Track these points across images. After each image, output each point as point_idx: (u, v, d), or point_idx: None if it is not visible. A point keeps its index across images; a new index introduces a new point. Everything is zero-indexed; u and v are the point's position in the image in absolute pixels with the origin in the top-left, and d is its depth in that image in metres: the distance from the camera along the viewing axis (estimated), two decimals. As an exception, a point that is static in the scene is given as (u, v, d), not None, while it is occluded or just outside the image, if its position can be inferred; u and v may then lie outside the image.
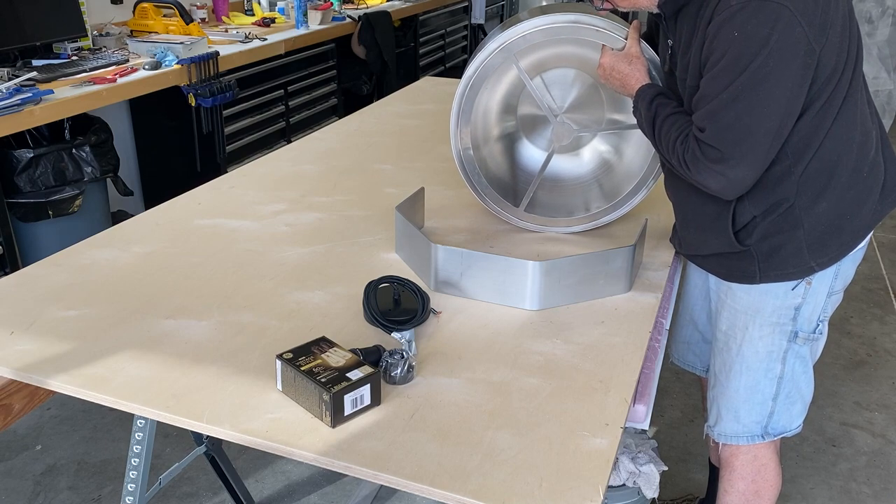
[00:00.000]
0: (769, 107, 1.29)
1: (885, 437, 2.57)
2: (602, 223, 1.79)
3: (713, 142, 1.33)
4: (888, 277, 3.67)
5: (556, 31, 1.62)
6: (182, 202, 1.93)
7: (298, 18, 4.14)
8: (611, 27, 1.59)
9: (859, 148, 1.42)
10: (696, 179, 1.39)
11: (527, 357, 1.32)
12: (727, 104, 1.30)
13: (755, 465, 1.68)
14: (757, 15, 1.26)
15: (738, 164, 1.33)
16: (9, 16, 2.93)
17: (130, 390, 1.20)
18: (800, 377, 1.60)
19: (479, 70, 1.68)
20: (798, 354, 1.58)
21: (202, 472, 2.31)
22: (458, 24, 6.19)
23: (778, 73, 1.28)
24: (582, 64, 1.73)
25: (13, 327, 1.37)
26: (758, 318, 1.55)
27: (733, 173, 1.34)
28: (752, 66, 1.27)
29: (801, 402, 1.63)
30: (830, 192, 1.42)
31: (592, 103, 1.79)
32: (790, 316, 1.53)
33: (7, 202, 2.73)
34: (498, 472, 1.04)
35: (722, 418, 1.67)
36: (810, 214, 1.43)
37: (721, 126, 1.31)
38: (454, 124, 1.74)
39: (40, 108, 2.62)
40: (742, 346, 1.59)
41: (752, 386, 1.60)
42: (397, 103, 2.90)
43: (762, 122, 1.30)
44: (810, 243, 1.45)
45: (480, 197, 1.81)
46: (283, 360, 1.19)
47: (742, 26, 1.27)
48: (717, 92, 1.31)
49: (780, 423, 1.63)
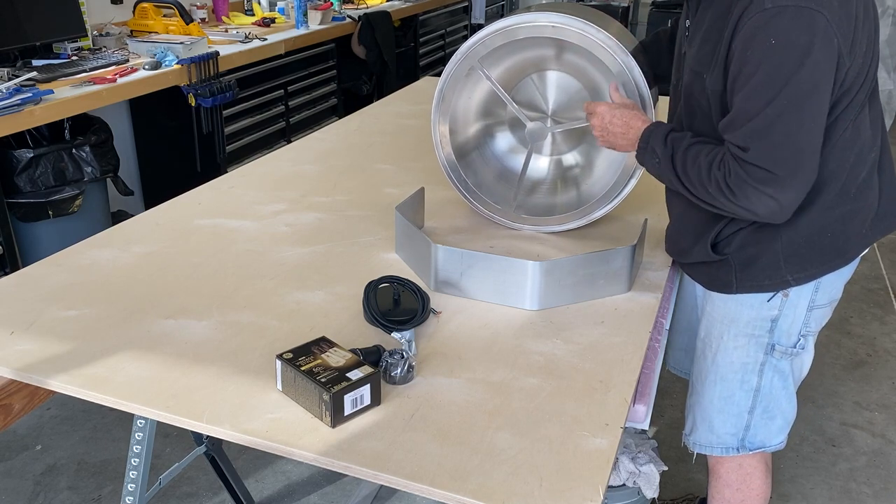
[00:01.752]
0: (815, 121, 1.23)
1: (885, 437, 2.57)
2: (595, 217, 1.77)
3: (761, 162, 1.24)
4: (888, 277, 3.67)
5: (514, 31, 1.63)
6: (182, 202, 1.93)
7: (298, 18, 4.14)
8: (571, 23, 1.58)
9: (851, 168, 1.37)
10: (741, 205, 1.29)
11: (527, 357, 1.32)
12: (773, 121, 1.21)
13: (740, 474, 1.66)
14: (796, 21, 1.17)
15: (790, 185, 1.24)
16: (9, 16, 2.93)
17: (130, 390, 1.20)
18: (779, 392, 1.56)
19: (448, 78, 1.72)
20: (776, 368, 1.54)
21: (202, 472, 2.31)
22: (458, 24, 6.19)
23: (823, 85, 1.21)
24: (568, 66, 1.74)
25: (13, 327, 1.37)
26: (732, 328, 1.52)
27: (784, 196, 1.25)
28: (796, 77, 1.19)
29: (781, 418, 1.59)
30: (813, 208, 1.37)
31: (579, 102, 1.79)
32: (766, 328, 1.50)
33: (7, 202, 2.73)
34: (498, 472, 1.04)
35: (697, 427, 1.65)
36: (789, 227, 1.38)
37: (769, 144, 1.23)
38: (435, 132, 1.77)
39: (40, 108, 2.62)
40: (717, 355, 1.56)
41: (727, 397, 1.58)
42: (397, 103, 2.90)
43: (811, 139, 1.23)
44: (787, 256, 1.41)
45: (471, 203, 1.82)
46: (283, 360, 1.19)
47: (780, 33, 1.18)
48: (759, 108, 1.22)
49: (758, 438, 1.60)
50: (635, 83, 1.58)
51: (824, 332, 3.15)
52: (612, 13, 6.44)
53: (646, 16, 7.06)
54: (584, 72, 1.75)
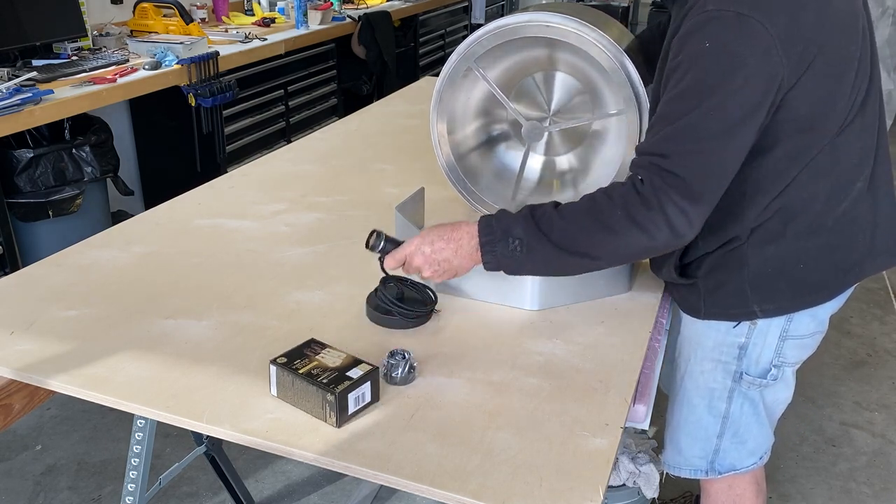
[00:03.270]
0: (738, 136, 1.13)
1: (885, 437, 2.57)
2: None
3: (679, 170, 1.13)
4: (888, 277, 3.67)
5: (510, 31, 1.63)
6: (182, 202, 1.93)
7: (298, 18, 4.14)
8: (567, 23, 1.58)
9: (827, 199, 1.26)
10: (648, 218, 1.15)
11: (527, 357, 1.32)
12: (696, 127, 1.12)
13: (731, 495, 1.61)
14: (734, 29, 1.08)
15: (704, 199, 1.14)
16: (9, 16, 2.93)
17: (130, 390, 1.20)
18: (749, 419, 1.49)
19: (446, 79, 1.72)
20: (747, 397, 1.47)
21: (202, 472, 2.31)
22: (458, 24, 6.19)
23: (753, 100, 1.11)
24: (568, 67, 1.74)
25: (13, 327, 1.37)
26: (699, 351, 1.48)
27: (695, 211, 1.14)
28: (724, 86, 1.10)
29: (753, 442, 1.52)
30: (784, 239, 1.29)
31: (579, 102, 1.80)
32: (734, 355, 1.44)
33: (7, 202, 2.73)
34: (498, 472, 1.04)
35: (666, 448, 1.62)
36: (757, 255, 1.31)
37: (689, 151, 1.13)
38: (434, 132, 1.77)
39: (40, 108, 2.62)
40: (684, 377, 1.53)
41: (695, 421, 1.53)
42: (397, 103, 2.90)
43: (732, 154, 1.13)
44: (754, 285, 1.34)
45: (470, 203, 1.82)
46: (278, 364, 1.18)
47: (715, 38, 1.09)
48: (683, 113, 1.13)
49: (727, 461, 1.54)
50: (631, 83, 1.58)
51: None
52: (612, 13, 6.43)
53: (646, 16, 7.07)
54: (582, 71, 1.75)
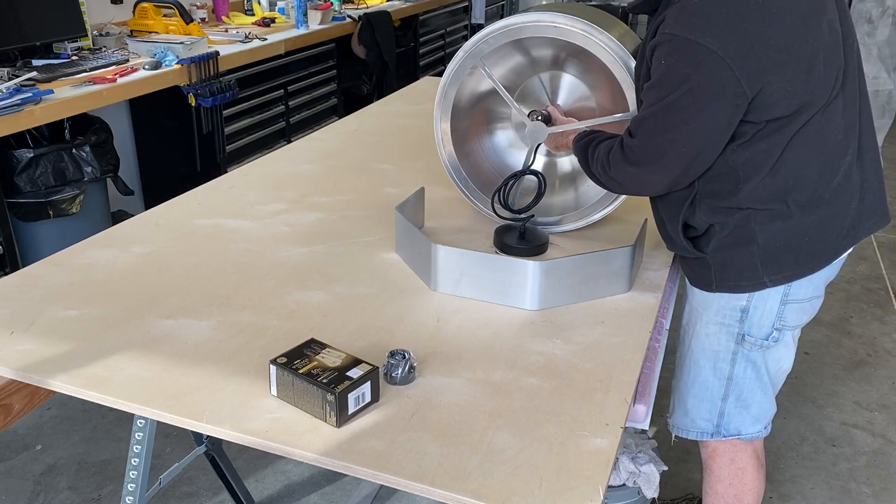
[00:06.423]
0: (687, 135, 1.35)
1: (885, 437, 2.57)
2: (595, 219, 1.77)
3: (636, 147, 1.41)
4: (888, 277, 3.67)
5: (517, 31, 1.63)
6: (182, 202, 1.93)
7: (298, 18, 4.14)
8: (573, 24, 1.59)
9: (818, 174, 1.42)
10: (610, 175, 1.48)
11: (527, 357, 1.32)
12: (652, 118, 1.38)
13: (732, 469, 1.70)
14: (680, 52, 1.31)
15: (652, 172, 1.42)
16: (9, 16, 2.93)
17: (130, 390, 1.20)
18: (752, 383, 1.61)
19: (451, 76, 1.73)
20: (749, 359, 1.58)
21: (202, 472, 2.31)
22: (458, 24, 6.19)
23: (696, 109, 1.32)
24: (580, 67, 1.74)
25: (13, 327, 1.37)
26: (704, 316, 1.59)
27: (646, 177, 1.44)
28: (671, 97, 1.33)
29: (756, 408, 1.64)
30: (787, 214, 1.42)
31: (583, 103, 1.80)
32: (736, 317, 1.55)
33: (7, 202, 2.73)
34: (498, 472, 1.04)
35: (674, 410, 1.73)
36: (765, 231, 1.44)
37: (646, 135, 1.39)
38: (437, 130, 1.77)
39: (40, 108, 2.62)
40: (692, 341, 1.64)
41: (701, 382, 1.64)
42: (397, 103, 2.90)
43: (676, 147, 1.37)
44: (764, 260, 1.46)
45: (472, 201, 1.82)
46: (278, 364, 1.18)
47: (669, 58, 1.33)
48: (648, 104, 1.39)
49: (733, 425, 1.65)
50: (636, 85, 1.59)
51: (824, 332, 3.16)
52: (613, 13, 6.43)
53: (646, 16, 7.06)
54: (587, 73, 1.75)
